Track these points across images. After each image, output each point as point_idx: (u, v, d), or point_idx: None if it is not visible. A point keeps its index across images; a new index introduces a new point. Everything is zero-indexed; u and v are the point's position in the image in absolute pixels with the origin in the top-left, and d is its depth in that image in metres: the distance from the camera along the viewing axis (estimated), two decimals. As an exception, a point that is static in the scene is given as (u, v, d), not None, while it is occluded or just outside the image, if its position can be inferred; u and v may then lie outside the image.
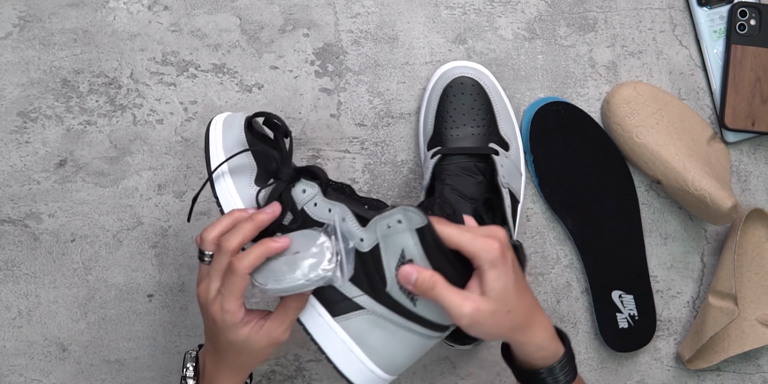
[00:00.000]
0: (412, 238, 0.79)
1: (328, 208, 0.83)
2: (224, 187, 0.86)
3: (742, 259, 1.06)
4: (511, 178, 0.99)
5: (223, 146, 0.86)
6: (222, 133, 0.87)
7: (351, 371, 0.83)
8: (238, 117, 0.89)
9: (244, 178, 0.86)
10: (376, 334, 0.82)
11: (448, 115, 1.00)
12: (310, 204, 0.84)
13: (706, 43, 1.05)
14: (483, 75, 1.00)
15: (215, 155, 0.86)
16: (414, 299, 0.81)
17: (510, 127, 1.01)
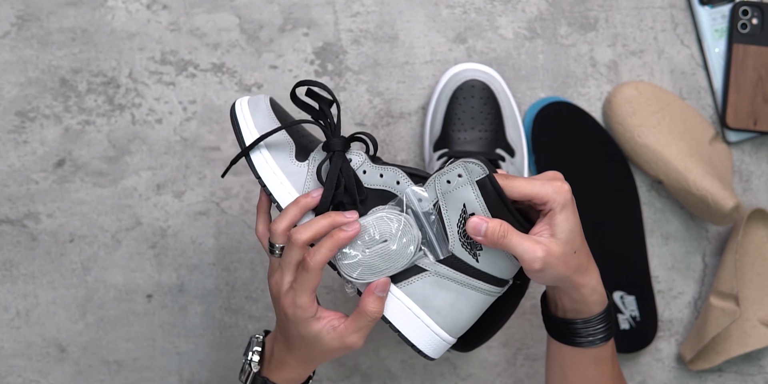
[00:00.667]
0: (473, 191, 0.78)
1: (379, 174, 0.81)
2: (266, 166, 0.83)
3: (743, 259, 1.06)
4: None
5: (255, 125, 0.83)
6: (250, 113, 0.84)
7: (418, 338, 0.82)
8: (262, 98, 0.86)
9: (284, 155, 0.83)
10: (440, 296, 0.81)
11: (456, 118, 0.99)
12: (359, 172, 0.82)
13: (707, 42, 1.05)
14: (493, 79, 1.00)
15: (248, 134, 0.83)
16: (477, 255, 0.80)
17: (516, 132, 1.01)
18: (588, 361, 0.84)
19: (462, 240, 0.79)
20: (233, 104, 0.85)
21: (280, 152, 0.83)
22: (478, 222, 0.78)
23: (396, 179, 0.81)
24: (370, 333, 1.06)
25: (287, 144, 0.83)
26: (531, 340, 1.07)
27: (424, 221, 0.80)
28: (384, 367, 1.07)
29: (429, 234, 0.80)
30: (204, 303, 1.05)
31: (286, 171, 0.82)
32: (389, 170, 0.81)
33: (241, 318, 1.05)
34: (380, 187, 0.81)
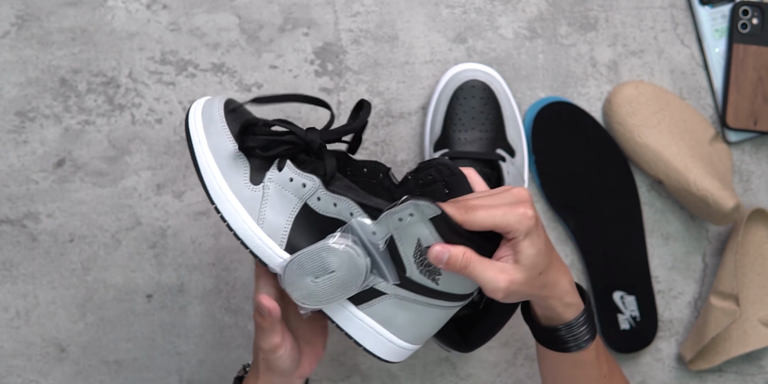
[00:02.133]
0: (426, 227, 0.77)
1: (333, 203, 0.80)
2: (220, 192, 0.81)
3: (744, 259, 1.06)
4: (515, 185, 0.99)
5: (209, 146, 0.81)
6: (204, 129, 0.82)
7: (382, 351, 0.84)
8: (216, 106, 0.83)
9: (237, 178, 0.81)
10: (402, 315, 0.82)
11: (457, 118, 0.99)
12: (313, 198, 0.81)
13: (707, 42, 1.05)
14: (494, 79, 1.00)
15: (202, 157, 0.81)
16: (436, 280, 0.80)
17: (516, 132, 1.01)
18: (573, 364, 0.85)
19: (420, 268, 0.79)
20: (187, 114, 0.83)
21: (233, 175, 0.81)
22: (440, 251, 0.77)
23: (350, 211, 0.80)
24: (370, 333, 1.06)
25: (241, 164, 0.81)
26: (531, 340, 1.07)
27: (372, 250, 0.79)
28: (384, 367, 1.07)
29: (378, 261, 0.79)
30: (204, 303, 1.05)
31: (240, 197, 0.81)
32: (343, 201, 0.79)
33: (241, 318, 1.05)
34: (334, 216, 0.80)
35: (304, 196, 0.80)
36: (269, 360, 0.84)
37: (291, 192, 0.81)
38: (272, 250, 0.81)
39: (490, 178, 0.98)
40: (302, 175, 0.81)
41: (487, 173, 0.98)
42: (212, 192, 0.81)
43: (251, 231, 0.81)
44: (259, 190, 0.81)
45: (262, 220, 0.81)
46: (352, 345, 1.06)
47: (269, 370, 0.84)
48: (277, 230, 0.81)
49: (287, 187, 0.81)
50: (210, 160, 0.81)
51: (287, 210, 0.81)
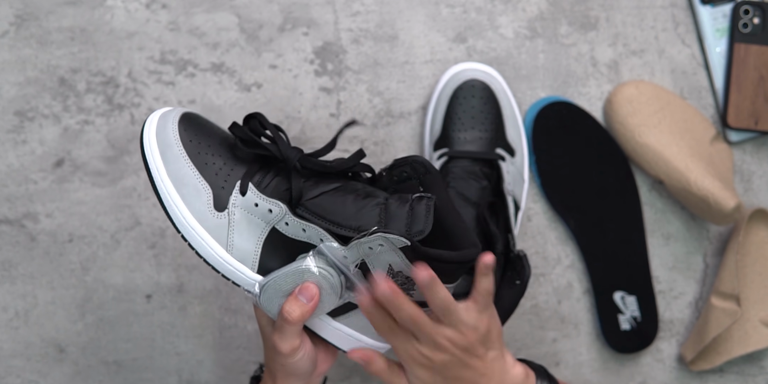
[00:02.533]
0: (397, 255, 0.77)
1: (301, 229, 0.79)
2: (184, 222, 0.80)
3: (745, 259, 1.05)
4: (514, 184, 0.99)
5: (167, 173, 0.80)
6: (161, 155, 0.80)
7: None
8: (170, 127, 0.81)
9: (200, 206, 0.80)
10: None
11: (456, 117, 0.99)
12: (281, 223, 0.79)
13: (708, 41, 1.05)
14: (493, 79, 1.00)
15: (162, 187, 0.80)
16: (411, 294, 0.80)
17: (516, 132, 1.01)
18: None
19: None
20: (141, 138, 0.80)
21: (196, 203, 0.79)
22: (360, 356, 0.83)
23: (319, 237, 0.79)
24: (370, 333, 1.06)
25: (203, 191, 0.80)
26: (531, 340, 1.07)
27: (344, 269, 0.79)
28: (384, 368, 1.07)
29: (352, 279, 0.80)
30: (203, 303, 1.05)
31: (206, 226, 0.80)
32: (311, 229, 0.79)
33: (240, 318, 1.05)
34: (305, 240, 0.80)
35: (272, 221, 0.80)
36: (288, 365, 0.83)
37: (258, 217, 0.80)
38: (244, 274, 0.81)
39: (489, 178, 0.98)
40: (267, 201, 0.80)
41: (487, 173, 0.98)
42: (177, 222, 0.80)
43: (221, 258, 0.80)
44: (224, 217, 0.80)
45: (230, 247, 0.80)
46: (352, 345, 1.06)
47: (289, 375, 0.84)
48: (247, 255, 0.80)
49: (253, 212, 0.80)
50: (171, 189, 0.79)
51: (255, 235, 0.80)
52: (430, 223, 0.78)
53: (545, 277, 1.06)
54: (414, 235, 0.77)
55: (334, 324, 0.84)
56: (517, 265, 0.93)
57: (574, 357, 1.08)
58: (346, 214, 0.79)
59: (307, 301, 0.79)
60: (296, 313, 0.79)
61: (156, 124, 0.81)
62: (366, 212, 0.79)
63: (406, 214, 0.79)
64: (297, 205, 0.79)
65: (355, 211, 0.79)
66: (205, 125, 0.83)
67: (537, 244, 1.06)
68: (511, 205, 0.97)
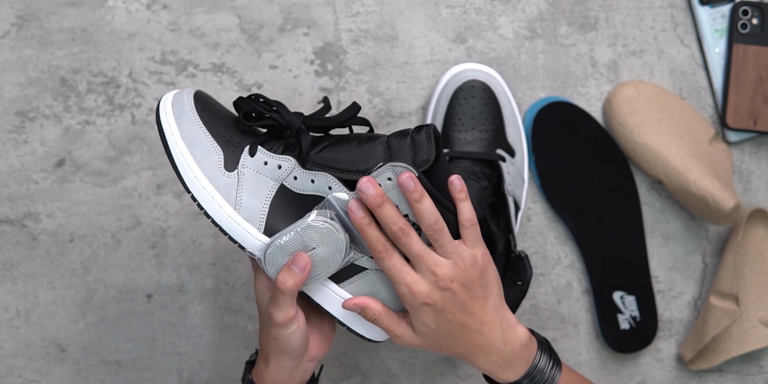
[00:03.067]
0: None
1: (310, 180, 0.81)
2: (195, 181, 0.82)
3: (743, 259, 1.06)
4: (515, 185, 0.99)
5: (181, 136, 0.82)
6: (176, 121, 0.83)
7: (365, 329, 0.85)
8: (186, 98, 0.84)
9: (212, 166, 0.82)
10: (384, 291, 0.83)
11: (457, 118, 0.99)
12: (289, 178, 0.81)
13: (707, 42, 1.05)
14: (494, 79, 1.00)
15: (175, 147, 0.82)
16: None
17: (516, 132, 1.01)
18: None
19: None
20: (158, 106, 0.84)
21: (207, 163, 0.82)
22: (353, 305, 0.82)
23: (327, 185, 0.81)
24: (370, 333, 1.06)
25: (214, 153, 0.82)
26: (531, 340, 1.07)
27: (350, 224, 0.80)
28: (384, 367, 1.07)
29: (356, 235, 0.80)
30: (204, 303, 1.05)
31: (216, 184, 0.82)
32: (320, 176, 0.81)
33: (241, 318, 1.05)
34: (312, 192, 0.81)
35: (280, 178, 0.81)
36: (281, 337, 0.83)
37: (266, 175, 0.82)
38: (251, 234, 0.82)
39: (489, 178, 0.98)
40: (276, 157, 0.82)
41: (487, 173, 0.98)
42: (187, 180, 0.82)
43: (229, 216, 0.82)
44: (233, 177, 0.82)
45: (239, 205, 0.82)
46: (351, 345, 1.06)
47: (280, 351, 0.84)
48: (254, 214, 0.82)
49: (262, 170, 0.82)
50: (183, 150, 0.82)
51: (263, 193, 0.82)
52: (433, 150, 0.79)
53: (545, 277, 1.07)
54: (420, 165, 0.78)
55: (338, 291, 0.83)
56: (518, 266, 0.93)
57: (574, 357, 1.08)
58: (352, 160, 0.81)
59: (299, 271, 0.80)
60: (289, 282, 0.80)
61: (172, 95, 0.84)
62: (370, 154, 0.80)
63: (408, 146, 0.80)
64: (306, 160, 0.81)
65: (359, 155, 0.81)
66: (217, 103, 0.86)
67: (536, 244, 1.06)
68: (511, 206, 0.97)
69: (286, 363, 0.85)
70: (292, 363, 0.85)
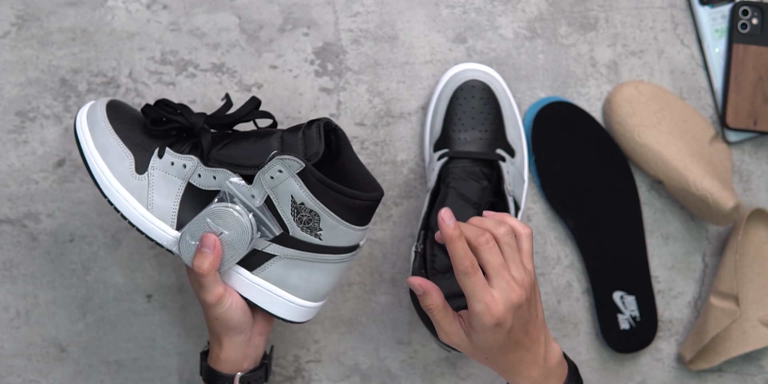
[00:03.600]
0: (296, 182, 0.83)
1: (212, 176, 0.87)
2: (109, 186, 0.88)
3: (743, 259, 1.06)
4: (515, 185, 0.99)
5: (95, 144, 0.89)
6: (89, 129, 0.89)
7: (285, 312, 0.90)
8: (98, 108, 0.90)
9: (123, 170, 0.88)
10: (294, 275, 0.88)
11: (456, 118, 0.99)
12: (194, 176, 0.87)
13: (707, 42, 1.05)
14: (494, 79, 1.00)
15: (90, 155, 0.89)
16: (318, 235, 0.86)
17: (516, 132, 1.01)
18: None
19: (300, 226, 0.85)
20: (75, 119, 0.90)
21: (120, 168, 0.88)
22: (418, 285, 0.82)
23: (228, 179, 0.86)
24: (369, 332, 1.06)
25: (126, 158, 0.88)
26: (531, 340, 1.07)
27: (252, 207, 0.85)
28: (384, 367, 1.07)
29: (261, 217, 0.85)
30: (204, 303, 1.05)
31: (128, 187, 0.88)
32: (220, 172, 0.86)
33: (241, 318, 1.06)
34: (216, 188, 0.87)
35: (186, 176, 0.87)
36: (221, 316, 0.88)
37: (174, 175, 0.88)
38: (164, 231, 0.88)
39: (489, 178, 0.98)
40: (181, 157, 0.88)
41: (487, 173, 0.98)
42: (102, 186, 0.88)
43: (143, 216, 0.88)
44: (144, 179, 0.88)
45: (151, 205, 0.88)
46: (351, 345, 1.06)
47: (227, 328, 0.89)
48: (166, 212, 0.88)
49: (169, 171, 0.88)
50: (97, 158, 0.88)
51: (173, 192, 0.88)
52: (322, 144, 0.84)
53: (545, 277, 1.07)
54: (309, 158, 0.84)
55: (251, 277, 0.89)
56: None
57: (574, 356, 1.08)
58: (248, 155, 0.86)
59: (211, 251, 0.85)
60: (205, 264, 0.86)
61: (87, 107, 0.91)
62: (264, 149, 0.86)
63: (300, 141, 0.85)
64: (208, 158, 0.87)
65: (255, 150, 0.86)
66: (129, 109, 0.93)
67: (536, 244, 1.06)
68: (511, 206, 0.97)
69: (237, 338, 0.90)
70: (242, 337, 0.90)
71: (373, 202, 0.86)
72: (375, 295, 1.06)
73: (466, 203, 0.96)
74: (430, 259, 0.94)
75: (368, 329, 1.06)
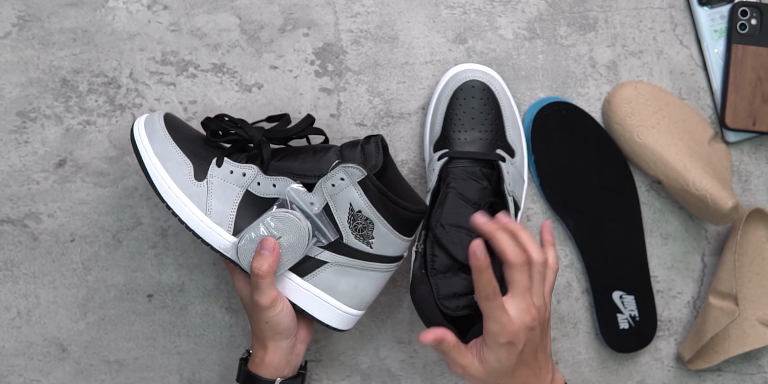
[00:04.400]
0: (356, 191, 0.88)
1: (272, 184, 0.90)
2: (169, 191, 0.91)
3: (742, 259, 1.06)
4: (515, 185, 1.00)
5: (154, 152, 0.92)
6: (148, 138, 0.92)
7: (331, 319, 0.94)
8: (156, 119, 0.94)
9: (183, 177, 0.91)
10: (344, 282, 0.92)
11: (457, 118, 1.00)
12: (253, 184, 0.91)
13: (706, 42, 1.05)
14: (493, 79, 1.00)
15: (149, 162, 0.91)
16: (370, 244, 0.90)
17: (516, 132, 1.02)
18: None
19: (354, 233, 0.90)
20: (132, 128, 0.93)
21: (179, 175, 0.91)
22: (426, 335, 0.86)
23: (288, 187, 0.90)
24: (369, 332, 1.06)
25: (185, 165, 0.91)
26: (530, 339, 1.07)
27: (310, 213, 0.88)
28: (384, 367, 1.07)
29: (317, 223, 0.89)
30: (204, 303, 1.05)
31: (187, 193, 0.91)
32: (281, 180, 0.90)
33: (241, 317, 1.06)
34: (274, 195, 0.90)
35: (245, 184, 0.91)
36: (271, 319, 0.90)
37: (232, 183, 0.91)
38: (221, 236, 0.91)
39: (489, 178, 0.98)
40: (241, 166, 0.91)
41: (487, 173, 0.98)
42: (162, 191, 0.91)
43: (201, 221, 0.91)
44: (203, 186, 0.91)
45: (209, 211, 0.91)
46: (351, 345, 1.06)
47: (275, 332, 0.91)
48: (224, 218, 0.91)
49: (228, 179, 0.91)
50: (157, 164, 0.91)
51: (231, 199, 0.91)
52: (381, 157, 0.90)
53: (544, 277, 1.07)
54: (370, 170, 0.88)
55: (302, 283, 0.92)
56: None
57: (573, 356, 1.08)
58: (308, 166, 0.91)
59: (270, 253, 0.89)
60: (264, 266, 0.88)
61: (144, 118, 0.94)
62: (324, 160, 0.90)
63: (359, 154, 0.90)
64: (267, 167, 0.91)
65: (314, 162, 0.91)
66: (184, 123, 0.96)
67: (536, 244, 1.06)
68: (511, 206, 0.97)
69: (282, 343, 0.92)
70: (287, 342, 0.93)
71: (420, 215, 0.91)
72: (375, 294, 1.06)
73: (466, 203, 0.96)
74: (431, 259, 0.95)
75: (368, 329, 1.07)
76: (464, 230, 0.94)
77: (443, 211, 0.95)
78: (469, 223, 0.86)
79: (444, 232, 0.94)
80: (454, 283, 0.94)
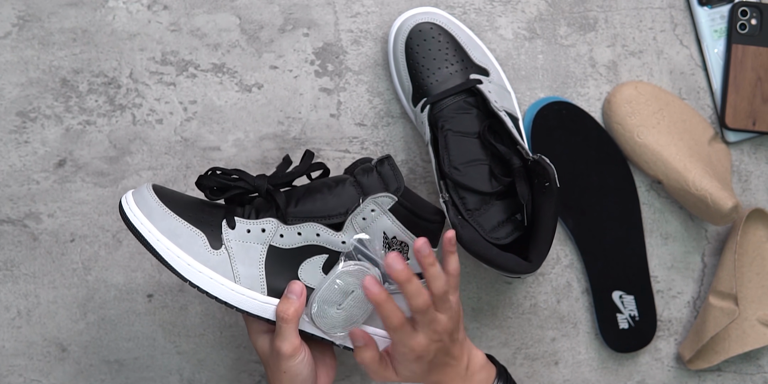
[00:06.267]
0: (388, 218, 0.86)
1: (297, 232, 0.86)
2: (189, 268, 0.85)
3: (742, 259, 1.06)
4: (502, 99, 0.99)
5: (158, 230, 0.86)
6: (146, 217, 0.86)
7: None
8: (146, 194, 0.87)
9: (199, 249, 0.86)
10: None
11: (420, 66, 0.99)
12: (276, 238, 0.86)
13: (706, 42, 1.05)
14: (436, 15, 0.99)
15: (158, 243, 0.85)
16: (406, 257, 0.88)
17: (481, 53, 1.01)
18: None
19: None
20: (121, 206, 0.87)
21: (195, 248, 0.85)
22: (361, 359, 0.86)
23: (315, 232, 0.86)
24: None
25: (197, 236, 0.86)
26: (530, 339, 1.07)
27: (376, 259, 0.86)
28: (384, 367, 1.07)
29: (381, 267, 0.87)
30: (204, 302, 1.05)
31: (210, 265, 0.86)
32: (306, 226, 0.86)
33: (241, 317, 1.06)
34: (301, 244, 0.86)
35: (267, 240, 0.86)
36: (291, 369, 0.86)
37: (252, 242, 0.86)
38: (257, 300, 0.87)
39: (476, 105, 0.97)
40: (257, 223, 0.86)
41: (472, 101, 0.97)
42: (181, 270, 0.85)
43: (232, 290, 0.86)
44: (223, 252, 0.86)
45: (237, 277, 0.86)
46: (352, 344, 1.07)
47: (292, 382, 0.87)
48: (254, 281, 0.86)
49: (247, 239, 0.86)
50: (167, 244, 0.85)
51: (255, 259, 0.86)
52: (400, 177, 0.87)
53: (544, 277, 1.07)
54: (395, 193, 0.86)
55: (381, 333, 0.90)
56: (538, 169, 0.93)
57: (573, 356, 1.08)
58: (330, 205, 0.87)
59: (297, 297, 0.85)
60: (290, 310, 0.85)
61: (132, 196, 0.88)
62: (345, 195, 0.87)
63: (377, 180, 0.87)
64: (286, 216, 0.86)
65: (335, 199, 0.87)
66: (174, 191, 0.90)
67: (536, 244, 1.06)
68: (507, 119, 0.96)
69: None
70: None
71: (441, 224, 0.90)
72: (375, 294, 1.06)
73: (467, 137, 0.96)
74: (461, 203, 0.95)
75: (368, 329, 1.07)
76: (476, 162, 0.95)
77: (450, 154, 0.95)
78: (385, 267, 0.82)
79: (460, 173, 0.95)
80: (491, 214, 0.94)
